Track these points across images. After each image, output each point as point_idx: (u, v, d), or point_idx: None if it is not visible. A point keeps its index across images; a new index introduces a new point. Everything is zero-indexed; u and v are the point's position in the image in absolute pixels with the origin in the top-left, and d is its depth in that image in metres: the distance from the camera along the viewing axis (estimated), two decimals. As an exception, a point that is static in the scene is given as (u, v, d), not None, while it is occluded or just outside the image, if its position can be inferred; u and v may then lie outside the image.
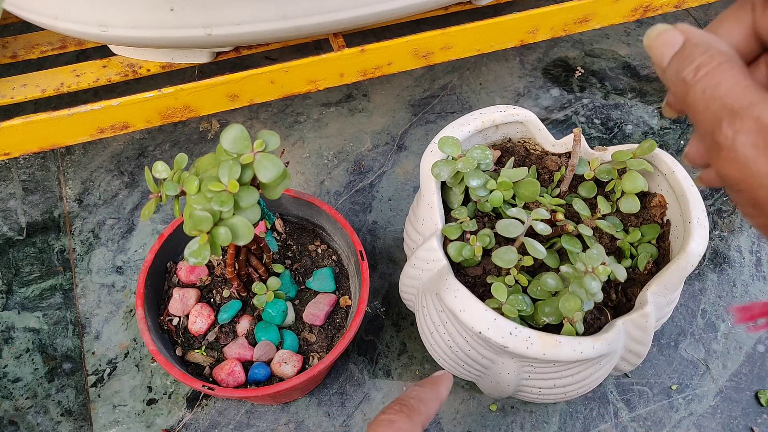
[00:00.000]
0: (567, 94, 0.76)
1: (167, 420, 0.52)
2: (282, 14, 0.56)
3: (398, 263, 0.61)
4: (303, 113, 0.73)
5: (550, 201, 0.44)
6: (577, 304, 0.39)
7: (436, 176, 0.44)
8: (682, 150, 0.71)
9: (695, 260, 0.41)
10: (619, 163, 0.46)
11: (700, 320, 0.58)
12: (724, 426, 0.53)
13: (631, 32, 0.83)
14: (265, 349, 0.47)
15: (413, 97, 0.75)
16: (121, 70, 0.62)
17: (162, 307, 0.51)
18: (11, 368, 0.55)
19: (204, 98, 0.59)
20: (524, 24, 0.65)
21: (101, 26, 0.55)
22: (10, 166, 0.68)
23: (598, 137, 0.72)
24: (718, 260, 0.62)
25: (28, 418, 0.52)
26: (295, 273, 0.52)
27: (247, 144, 0.36)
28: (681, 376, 0.55)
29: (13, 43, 0.65)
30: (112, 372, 0.54)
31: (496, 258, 0.41)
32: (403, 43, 0.61)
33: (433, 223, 0.44)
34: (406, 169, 0.68)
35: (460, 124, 0.47)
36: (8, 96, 0.59)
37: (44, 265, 0.60)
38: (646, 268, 0.44)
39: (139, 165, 0.68)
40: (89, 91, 0.73)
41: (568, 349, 0.37)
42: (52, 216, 0.64)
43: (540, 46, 0.81)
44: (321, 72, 0.61)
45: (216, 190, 0.35)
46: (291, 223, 0.56)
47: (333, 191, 0.66)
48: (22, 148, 0.57)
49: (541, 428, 0.52)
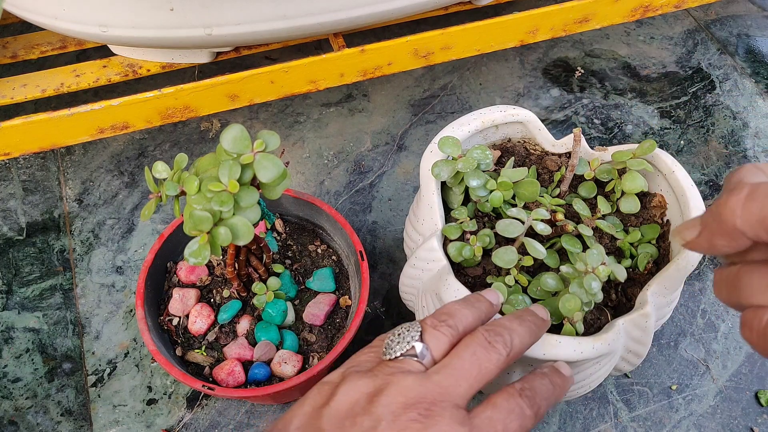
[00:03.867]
0: (567, 94, 0.76)
1: (167, 420, 0.52)
2: (282, 14, 0.56)
3: (398, 263, 0.61)
4: (303, 113, 0.73)
5: (550, 201, 0.44)
6: (577, 304, 0.39)
7: (436, 176, 0.44)
8: (682, 149, 0.71)
9: (695, 260, 0.41)
10: (619, 163, 0.46)
11: (700, 320, 0.58)
12: (724, 426, 0.53)
13: (631, 32, 0.83)
14: (265, 349, 0.47)
15: (413, 97, 0.75)
16: (121, 70, 0.62)
17: (162, 307, 0.51)
18: (11, 368, 0.55)
19: (204, 98, 0.59)
20: (524, 24, 0.65)
21: (101, 26, 0.55)
22: (10, 166, 0.68)
23: (598, 137, 0.72)
24: (718, 260, 0.62)
25: (28, 418, 0.52)
26: (295, 273, 0.52)
27: (247, 144, 0.36)
28: (681, 376, 0.55)
29: (13, 43, 0.65)
30: (112, 372, 0.54)
31: (496, 258, 0.41)
32: (403, 43, 0.61)
33: (433, 223, 0.44)
34: (406, 169, 0.68)
35: (460, 124, 0.47)
36: (8, 96, 0.59)
37: (44, 265, 0.61)
38: (646, 268, 0.44)
39: (139, 165, 0.68)
40: (89, 91, 0.73)
41: (568, 349, 0.37)
42: (52, 216, 0.64)
43: (540, 46, 0.81)
44: (321, 72, 0.61)
45: (216, 190, 0.35)
46: (291, 223, 0.56)
47: (333, 191, 0.66)
48: (22, 148, 0.57)
49: (541, 428, 0.52)
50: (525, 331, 0.34)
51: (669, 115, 0.74)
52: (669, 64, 0.79)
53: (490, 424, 0.30)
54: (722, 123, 0.73)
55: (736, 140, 0.72)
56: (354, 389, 0.30)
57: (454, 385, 0.30)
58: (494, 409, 0.31)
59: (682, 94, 0.76)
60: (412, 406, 0.29)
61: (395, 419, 0.28)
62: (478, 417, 0.30)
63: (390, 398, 0.29)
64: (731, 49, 0.81)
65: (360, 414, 0.29)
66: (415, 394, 0.29)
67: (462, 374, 0.31)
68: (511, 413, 0.31)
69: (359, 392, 0.30)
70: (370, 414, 0.29)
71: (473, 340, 0.32)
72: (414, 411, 0.29)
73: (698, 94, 0.76)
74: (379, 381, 0.30)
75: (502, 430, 0.30)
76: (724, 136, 0.72)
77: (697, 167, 0.69)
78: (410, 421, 0.28)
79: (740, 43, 0.82)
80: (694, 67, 0.79)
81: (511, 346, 0.33)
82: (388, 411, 0.29)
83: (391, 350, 0.32)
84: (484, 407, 0.31)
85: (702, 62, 0.80)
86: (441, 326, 0.33)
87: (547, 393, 0.33)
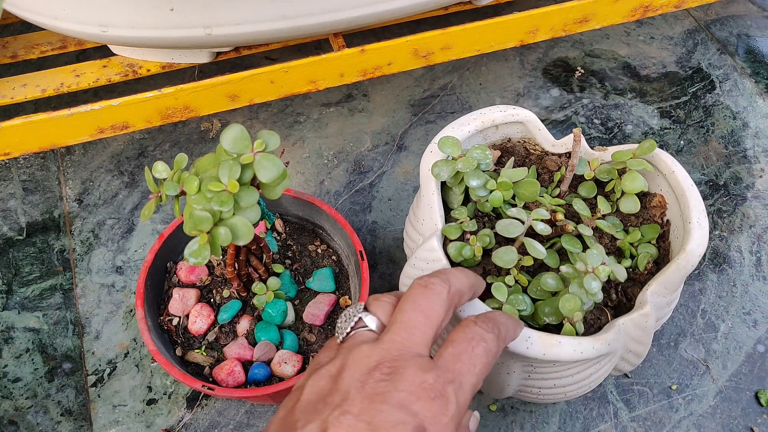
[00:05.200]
0: (567, 94, 0.76)
1: (167, 420, 0.52)
2: (282, 14, 0.56)
3: (398, 263, 0.61)
4: (303, 113, 0.73)
5: (550, 201, 0.44)
6: (577, 304, 0.39)
7: (436, 176, 0.44)
8: (682, 149, 0.71)
9: (695, 260, 0.41)
10: (619, 163, 0.46)
11: (700, 320, 0.58)
12: (724, 426, 0.53)
13: (631, 32, 0.83)
14: (265, 349, 0.47)
15: (413, 97, 0.75)
16: (121, 70, 0.62)
17: (162, 307, 0.51)
18: (11, 368, 0.55)
19: (204, 98, 0.59)
20: (524, 24, 0.65)
21: (101, 26, 0.55)
22: (10, 166, 0.68)
23: (598, 137, 0.72)
24: (718, 260, 0.62)
25: (28, 418, 0.52)
26: (295, 273, 0.52)
27: (247, 144, 0.36)
28: (681, 376, 0.55)
29: (13, 43, 0.65)
30: (112, 372, 0.54)
31: (496, 258, 0.41)
32: (403, 43, 0.61)
33: (433, 223, 0.44)
34: (406, 169, 0.68)
35: (460, 124, 0.47)
36: (8, 96, 0.59)
37: (44, 265, 0.61)
38: (646, 268, 0.44)
39: (139, 165, 0.68)
40: (89, 91, 0.73)
41: (568, 349, 0.37)
42: (52, 216, 0.64)
43: (540, 46, 0.81)
44: (321, 72, 0.61)
45: (216, 190, 0.35)
46: (291, 223, 0.56)
47: (333, 191, 0.66)
48: (22, 148, 0.57)
49: (541, 428, 0.52)
50: (459, 272, 0.35)
51: (669, 115, 0.74)
52: (669, 64, 0.79)
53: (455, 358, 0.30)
54: (722, 123, 0.73)
55: (736, 140, 0.72)
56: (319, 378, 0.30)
57: (408, 338, 0.31)
58: (454, 344, 0.31)
59: (682, 94, 0.76)
60: (375, 368, 0.29)
61: (363, 385, 0.29)
62: (441, 358, 0.30)
63: (352, 370, 0.30)
64: (731, 49, 0.81)
65: (329, 394, 0.29)
66: (375, 357, 0.30)
67: (410, 324, 0.31)
68: (472, 341, 0.31)
69: (324, 378, 0.30)
70: (338, 390, 0.29)
71: (410, 291, 0.33)
72: (378, 372, 0.29)
73: (698, 94, 0.76)
74: (339, 361, 0.31)
75: (468, 360, 0.30)
76: (724, 136, 0.72)
77: (697, 167, 0.69)
78: (377, 382, 0.29)
79: (740, 43, 0.82)
80: (694, 67, 0.79)
81: (450, 283, 0.33)
82: (354, 380, 0.29)
83: (342, 330, 0.33)
84: (445, 346, 0.31)
85: (702, 62, 0.80)
86: (381, 296, 0.34)
87: (503, 319, 0.34)
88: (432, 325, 0.31)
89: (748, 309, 0.59)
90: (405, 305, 0.32)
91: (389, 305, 0.33)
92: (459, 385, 0.29)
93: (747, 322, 0.58)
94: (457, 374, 0.30)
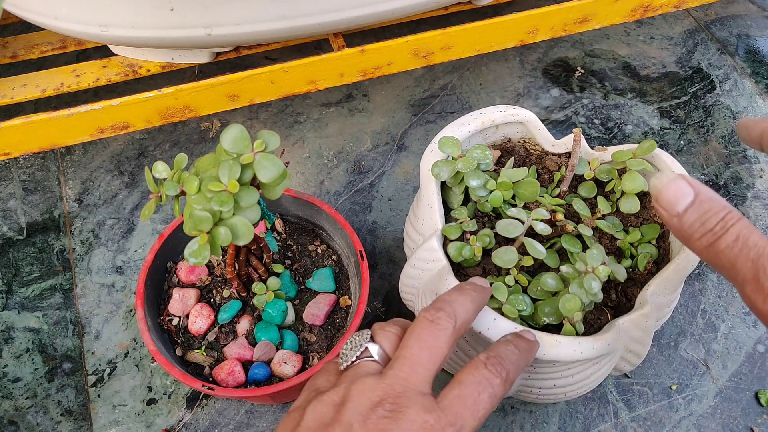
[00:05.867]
0: (567, 94, 0.76)
1: (167, 420, 0.52)
2: (282, 14, 0.56)
3: (398, 263, 0.61)
4: (303, 113, 0.73)
5: (550, 201, 0.44)
6: (577, 304, 0.39)
7: (436, 176, 0.44)
8: (682, 149, 0.71)
9: (695, 260, 0.41)
10: (619, 163, 0.46)
11: (700, 320, 0.58)
12: (724, 426, 0.53)
13: (631, 32, 0.83)
14: (265, 349, 0.47)
15: (413, 97, 0.75)
16: (121, 70, 0.62)
17: (162, 307, 0.51)
18: (11, 368, 0.55)
19: (204, 98, 0.59)
20: (524, 24, 0.65)
21: (101, 26, 0.55)
22: (10, 166, 0.68)
23: (598, 137, 0.72)
24: (718, 260, 0.62)
25: (28, 418, 0.52)
26: (295, 273, 0.52)
27: (247, 144, 0.36)
28: (681, 376, 0.55)
29: (13, 43, 0.65)
30: (112, 372, 0.54)
31: (496, 258, 0.41)
32: (403, 43, 0.61)
33: (433, 223, 0.44)
34: (406, 169, 0.68)
35: (460, 124, 0.47)
36: (8, 96, 0.59)
37: (44, 265, 0.61)
38: (646, 268, 0.44)
39: (139, 165, 0.68)
40: (89, 91, 0.73)
41: (568, 349, 0.37)
42: (52, 216, 0.64)
43: (540, 46, 0.81)
44: (321, 72, 0.61)
45: (216, 190, 0.35)
46: (291, 223, 0.56)
47: (333, 191, 0.66)
48: (22, 148, 0.57)
49: (541, 428, 0.52)
50: (466, 299, 0.34)
51: (669, 115, 0.74)
52: (669, 64, 0.79)
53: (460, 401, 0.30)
54: (722, 123, 0.73)
55: (736, 140, 0.72)
56: (320, 405, 0.31)
57: (412, 374, 0.31)
58: (461, 386, 0.31)
59: (682, 94, 0.76)
60: (379, 404, 0.29)
61: (365, 420, 0.29)
62: (445, 398, 0.30)
63: (356, 402, 0.30)
64: (731, 49, 0.81)
65: (330, 424, 0.29)
66: (379, 392, 0.30)
67: (414, 360, 0.31)
68: (479, 385, 0.31)
69: (326, 406, 0.30)
70: (340, 422, 0.29)
71: (416, 324, 0.33)
72: (381, 408, 0.29)
73: (698, 94, 0.76)
74: (341, 390, 0.31)
75: (472, 405, 0.30)
76: (724, 136, 0.72)
77: (697, 167, 0.69)
78: (380, 418, 0.29)
79: (740, 43, 0.82)
80: (694, 67, 0.79)
81: (456, 317, 0.33)
82: (357, 413, 0.29)
83: (346, 358, 0.33)
84: (451, 387, 0.31)
85: (702, 62, 0.80)
86: (387, 325, 0.34)
87: (514, 357, 0.34)
88: (436, 362, 0.32)
89: (748, 309, 0.59)
90: (410, 340, 0.32)
91: (395, 336, 0.33)
92: (459, 429, 0.30)
93: (747, 322, 0.58)
94: (459, 417, 0.30)
